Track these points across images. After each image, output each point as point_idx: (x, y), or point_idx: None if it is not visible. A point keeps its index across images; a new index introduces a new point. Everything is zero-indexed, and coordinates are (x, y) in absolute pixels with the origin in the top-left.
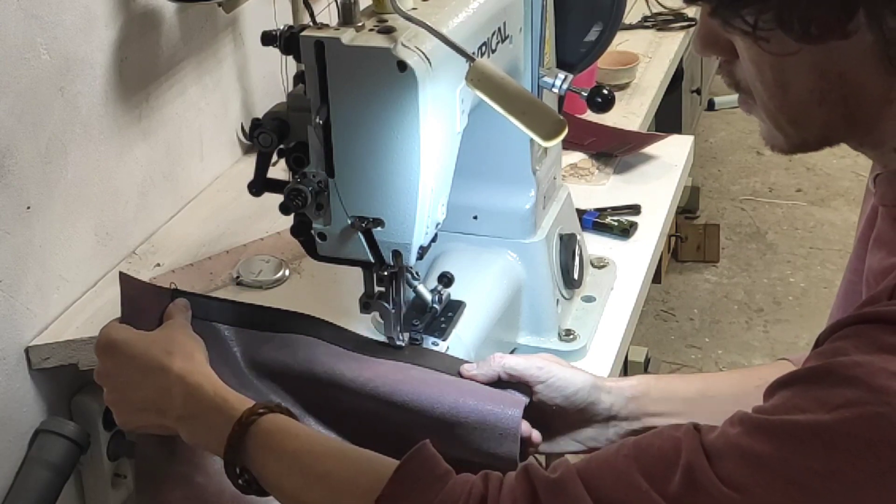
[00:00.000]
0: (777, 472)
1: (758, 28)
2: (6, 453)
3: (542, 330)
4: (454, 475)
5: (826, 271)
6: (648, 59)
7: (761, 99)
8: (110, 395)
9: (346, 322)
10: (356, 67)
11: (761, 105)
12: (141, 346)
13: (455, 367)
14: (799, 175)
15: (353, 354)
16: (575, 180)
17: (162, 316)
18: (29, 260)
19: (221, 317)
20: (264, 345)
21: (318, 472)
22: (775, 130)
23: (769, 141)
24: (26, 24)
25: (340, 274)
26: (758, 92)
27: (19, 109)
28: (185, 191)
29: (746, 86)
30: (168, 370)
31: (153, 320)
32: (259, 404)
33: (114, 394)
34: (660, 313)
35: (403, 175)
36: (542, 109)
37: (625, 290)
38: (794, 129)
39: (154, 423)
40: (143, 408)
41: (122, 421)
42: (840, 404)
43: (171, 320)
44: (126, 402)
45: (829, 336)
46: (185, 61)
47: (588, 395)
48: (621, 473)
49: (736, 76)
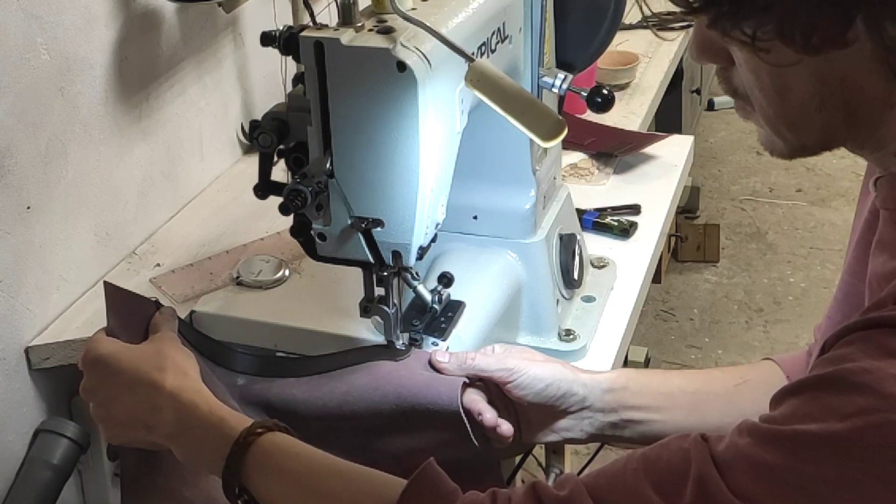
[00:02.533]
0: (789, 482)
1: (757, 39)
2: (6, 453)
3: (541, 330)
4: (461, 494)
5: (826, 271)
6: (648, 59)
7: (760, 105)
8: (97, 410)
9: (347, 323)
10: (356, 68)
11: (760, 111)
12: (129, 360)
13: (395, 356)
14: (799, 175)
15: (305, 379)
16: (575, 180)
17: (148, 326)
18: (29, 260)
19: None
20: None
21: (322, 492)
22: (774, 136)
23: (768, 146)
24: (26, 24)
25: (340, 274)
26: (756, 99)
27: (19, 109)
28: (185, 191)
29: (744, 92)
30: (159, 387)
31: (139, 331)
32: (257, 423)
33: (100, 409)
34: (660, 313)
35: (403, 175)
36: (541, 109)
37: (625, 290)
38: (794, 134)
39: (142, 439)
40: (131, 424)
41: (110, 436)
42: (851, 412)
43: (158, 333)
44: (112, 418)
45: (836, 342)
46: (185, 61)
47: (559, 388)
48: (631, 489)
49: (733, 83)
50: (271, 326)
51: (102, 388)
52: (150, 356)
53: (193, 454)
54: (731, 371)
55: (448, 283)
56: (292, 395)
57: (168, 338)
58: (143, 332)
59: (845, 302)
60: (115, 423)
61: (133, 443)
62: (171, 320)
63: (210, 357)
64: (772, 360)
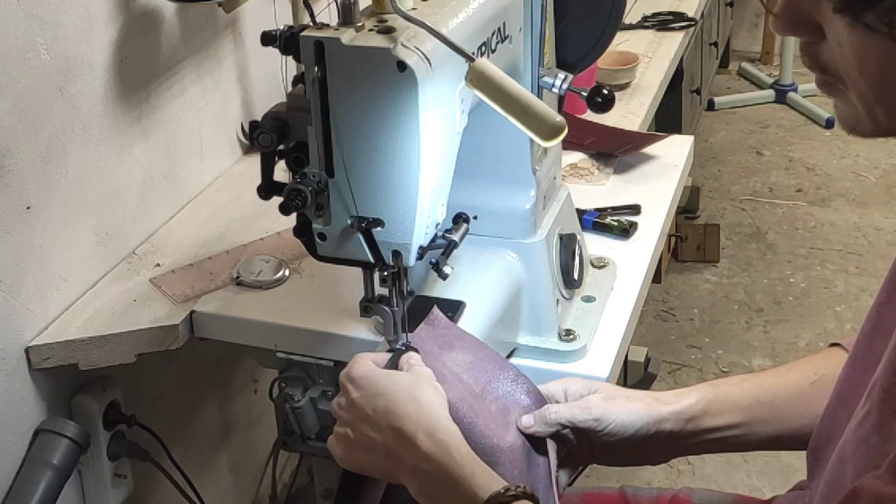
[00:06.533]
0: None
1: (894, 27)
2: (6, 453)
3: (541, 330)
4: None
5: (826, 271)
6: (648, 59)
7: (857, 87)
8: (339, 428)
9: (347, 323)
10: (356, 67)
11: (856, 93)
12: (387, 386)
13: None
14: (799, 175)
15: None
16: (575, 180)
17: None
18: (29, 260)
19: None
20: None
21: None
22: (865, 116)
23: (851, 124)
24: (26, 24)
25: (340, 274)
26: (853, 80)
27: (19, 109)
28: (185, 191)
29: (836, 70)
30: (415, 419)
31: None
32: (507, 488)
33: (344, 427)
34: (660, 313)
35: (403, 175)
36: (541, 109)
37: (625, 290)
38: (890, 117)
39: (378, 466)
40: (373, 448)
41: (346, 457)
42: None
43: (418, 367)
44: (355, 440)
45: None
46: (185, 61)
47: (647, 432)
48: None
49: (821, 59)
50: (271, 326)
51: (354, 408)
52: (408, 386)
53: (434, 497)
54: (805, 367)
55: (466, 219)
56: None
57: (426, 373)
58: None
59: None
60: (356, 445)
61: (364, 469)
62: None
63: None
64: (840, 346)
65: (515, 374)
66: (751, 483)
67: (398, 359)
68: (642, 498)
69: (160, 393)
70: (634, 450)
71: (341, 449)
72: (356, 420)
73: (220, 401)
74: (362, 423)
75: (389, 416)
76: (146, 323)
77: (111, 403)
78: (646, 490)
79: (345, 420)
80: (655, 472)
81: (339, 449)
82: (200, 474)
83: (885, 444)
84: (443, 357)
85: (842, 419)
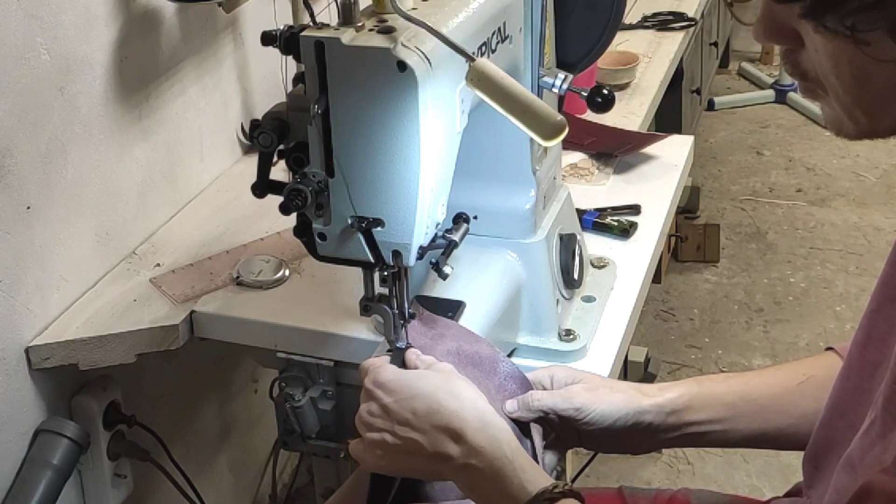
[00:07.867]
0: None
1: (857, 31)
2: (6, 453)
3: (541, 330)
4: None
5: (826, 271)
6: (648, 59)
7: (835, 91)
8: (373, 436)
9: (347, 323)
10: (356, 67)
11: (834, 97)
12: (425, 386)
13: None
14: (799, 175)
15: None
16: (575, 180)
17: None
18: (29, 260)
19: None
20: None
21: None
22: (846, 119)
23: (835, 127)
24: (26, 24)
25: (340, 274)
26: (831, 84)
27: (19, 109)
28: (185, 191)
29: (815, 76)
30: (462, 415)
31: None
32: (555, 485)
33: (379, 434)
34: (660, 313)
35: (403, 175)
36: (542, 109)
37: (625, 290)
38: (869, 119)
39: (420, 469)
40: (416, 451)
41: (385, 465)
42: None
43: (439, 364)
44: (393, 446)
45: None
46: (185, 61)
47: (626, 422)
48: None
49: (802, 66)
50: (271, 326)
51: (389, 413)
52: (443, 384)
53: (482, 492)
54: (795, 368)
55: (466, 219)
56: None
57: (449, 369)
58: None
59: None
60: (395, 450)
61: (403, 472)
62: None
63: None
64: (834, 351)
65: (501, 358)
66: (751, 483)
67: (400, 358)
68: (640, 498)
69: (160, 393)
70: (616, 439)
71: (375, 456)
72: (394, 425)
73: (220, 401)
74: (402, 426)
75: (432, 416)
76: (146, 323)
77: (111, 403)
78: (644, 490)
79: (378, 426)
80: (655, 472)
81: (372, 456)
82: (200, 474)
83: (885, 453)
84: (437, 348)
85: (839, 428)
